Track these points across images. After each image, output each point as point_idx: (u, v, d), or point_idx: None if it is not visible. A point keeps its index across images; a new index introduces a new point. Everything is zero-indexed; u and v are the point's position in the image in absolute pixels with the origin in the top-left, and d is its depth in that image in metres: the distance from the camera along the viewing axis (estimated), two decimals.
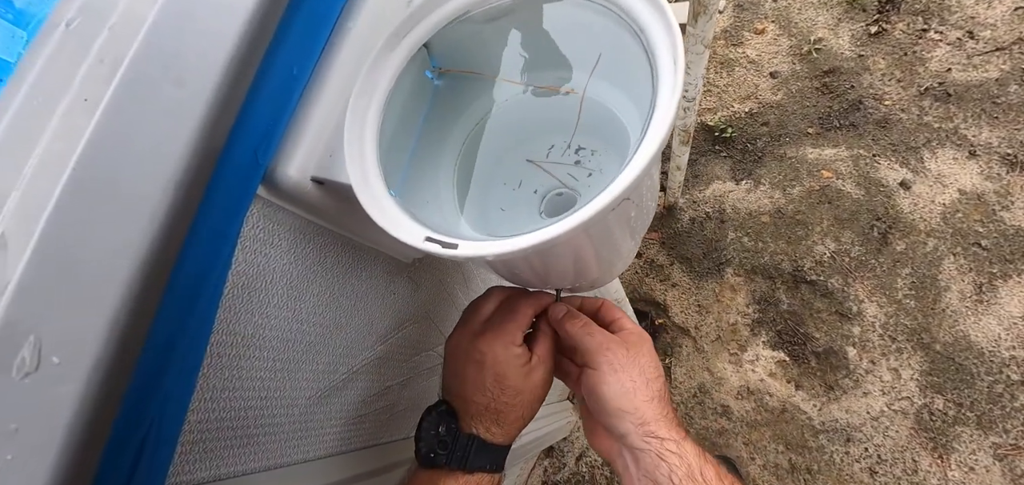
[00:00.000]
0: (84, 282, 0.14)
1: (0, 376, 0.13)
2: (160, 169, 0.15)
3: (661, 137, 0.20)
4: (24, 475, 0.13)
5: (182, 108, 0.16)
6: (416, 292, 0.43)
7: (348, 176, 0.24)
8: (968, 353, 1.15)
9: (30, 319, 0.14)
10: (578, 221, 0.19)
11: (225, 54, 0.17)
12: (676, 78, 0.21)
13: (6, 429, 0.13)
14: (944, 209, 1.28)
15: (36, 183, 0.15)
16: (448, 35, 0.30)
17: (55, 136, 0.16)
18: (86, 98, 0.16)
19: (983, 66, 1.41)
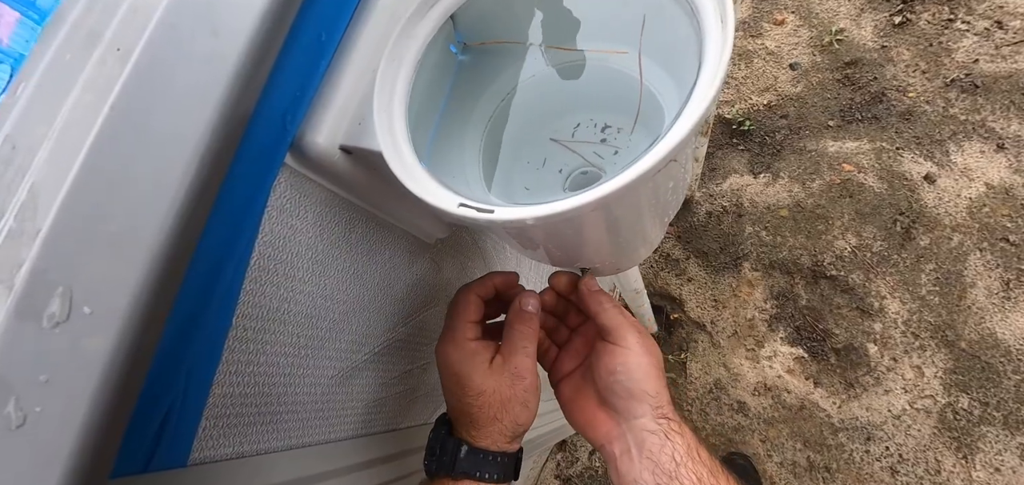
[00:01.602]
0: (116, 232, 0.14)
1: (30, 325, 0.13)
2: (196, 116, 0.14)
3: (711, 97, 0.19)
4: (53, 428, 0.13)
5: (217, 57, 0.15)
6: (438, 274, 0.43)
7: (378, 143, 0.23)
8: (995, 351, 1.12)
9: (61, 268, 0.13)
10: (630, 178, 0.18)
11: (260, 6, 0.16)
12: (726, 35, 0.20)
13: (36, 380, 0.13)
14: (970, 203, 1.25)
15: (69, 132, 0.15)
16: (476, 6, 0.30)
17: (87, 86, 0.16)
18: (119, 47, 0.15)
19: (1012, 57, 1.36)
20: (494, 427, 0.33)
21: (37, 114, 0.17)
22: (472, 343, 0.34)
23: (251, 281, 0.25)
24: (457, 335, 0.34)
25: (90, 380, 0.13)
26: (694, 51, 0.23)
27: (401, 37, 0.25)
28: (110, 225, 0.13)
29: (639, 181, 0.18)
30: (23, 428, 0.13)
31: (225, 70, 0.15)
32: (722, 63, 0.19)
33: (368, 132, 0.24)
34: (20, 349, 0.13)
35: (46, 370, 0.13)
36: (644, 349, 0.33)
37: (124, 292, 0.13)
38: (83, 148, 0.14)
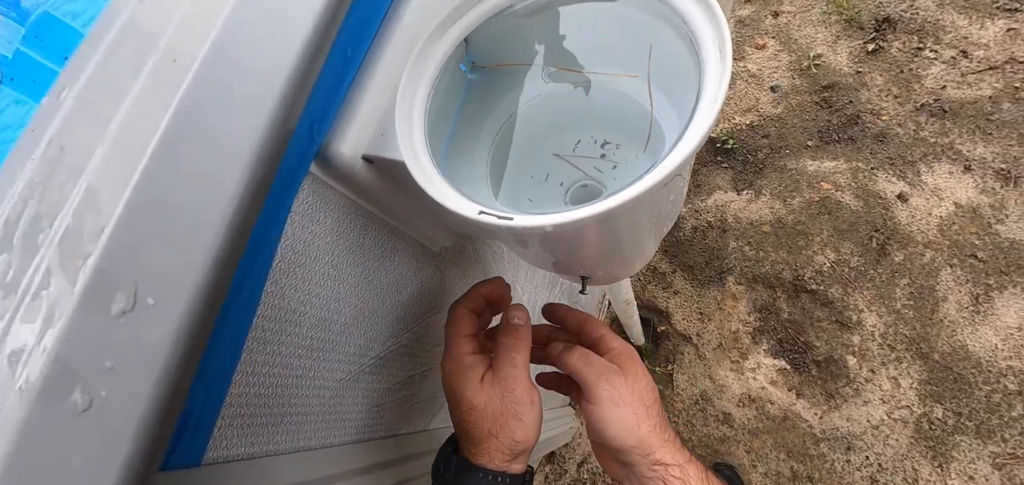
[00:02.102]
0: (178, 231, 0.15)
1: (97, 315, 0.14)
2: (251, 127, 0.16)
3: (712, 120, 0.21)
4: (118, 412, 0.14)
5: (270, 72, 0.16)
6: (442, 282, 0.44)
7: (400, 153, 0.24)
8: (966, 363, 1.17)
9: (127, 262, 0.14)
10: (640, 190, 0.19)
11: (305, 29, 0.17)
12: (724, 65, 0.22)
13: (102, 366, 0.14)
14: (941, 221, 1.31)
15: (126, 137, 0.16)
16: (488, 29, 0.31)
17: (142, 95, 0.17)
18: (174, 59, 0.17)
19: (977, 84, 1.44)
20: (491, 443, 0.32)
21: (85, 119, 0.18)
22: (467, 357, 0.33)
23: (272, 283, 0.26)
24: (453, 350, 0.34)
25: (153, 368, 0.14)
26: (693, 77, 0.25)
27: (421, 56, 0.27)
28: (172, 224, 0.15)
29: (648, 193, 0.20)
30: (89, 412, 0.13)
31: (276, 85, 0.16)
32: (721, 90, 0.21)
33: (390, 143, 0.25)
34: (87, 337, 0.14)
35: (111, 357, 0.14)
36: (617, 400, 0.32)
37: (185, 287, 0.14)
38: (146, 152, 0.15)
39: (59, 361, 0.13)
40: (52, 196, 0.17)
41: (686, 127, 0.22)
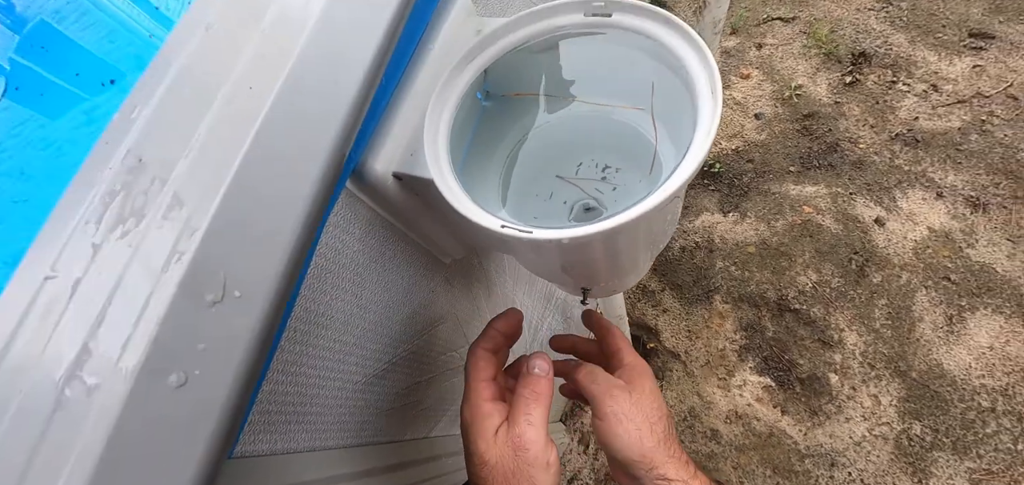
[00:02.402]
0: (261, 232, 0.17)
1: (193, 302, 0.16)
2: (321, 145, 0.18)
3: (706, 149, 0.24)
4: (208, 388, 0.16)
5: (336, 98, 0.19)
6: (449, 292, 0.46)
7: (429, 172, 0.27)
8: (942, 381, 1.22)
9: (218, 259, 0.17)
10: (645, 208, 0.23)
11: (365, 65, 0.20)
12: (716, 103, 0.25)
13: (196, 348, 0.16)
14: (916, 245, 1.37)
15: (209, 152, 0.19)
16: (503, 61, 0.35)
17: (220, 116, 0.19)
18: (251, 86, 0.19)
19: (946, 116, 1.53)
20: None
21: (162, 135, 0.21)
22: (485, 405, 0.32)
23: (306, 286, 0.28)
24: (471, 397, 0.32)
25: (237, 351, 0.16)
26: (688, 111, 0.28)
27: (446, 85, 0.30)
28: (254, 229, 0.17)
29: (652, 211, 0.23)
30: (184, 387, 0.16)
31: (340, 114, 0.19)
32: (714, 124, 0.25)
33: (419, 162, 0.28)
34: (184, 323, 0.16)
35: (203, 341, 0.16)
36: (621, 417, 0.32)
37: (265, 283, 0.17)
38: (232, 168, 0.17)
39: (159, 342, 0.16)
40: (136, 200, 0.19)
41: (684, 156, 0.25)
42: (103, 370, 0.16)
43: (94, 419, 0.16)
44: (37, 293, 0.20)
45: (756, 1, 1.96)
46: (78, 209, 0.21)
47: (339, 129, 0.19)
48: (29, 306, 0.20)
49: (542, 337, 0.94)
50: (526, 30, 0.32)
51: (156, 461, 0.15)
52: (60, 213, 0.22)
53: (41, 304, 0.20)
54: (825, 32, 1.78)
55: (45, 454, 0.17)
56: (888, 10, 1.79)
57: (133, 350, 0.16)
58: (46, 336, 0.19)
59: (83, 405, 0.16)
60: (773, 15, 1.89)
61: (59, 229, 0.21)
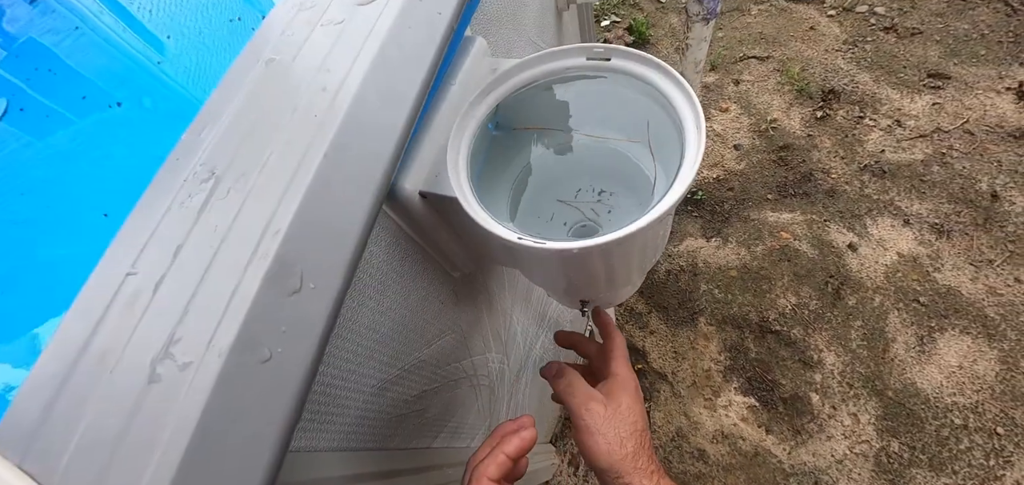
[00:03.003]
0: (333, 234, 0.21)
1: (276, 292, 0.19)
2: (379, 162, 0.22)
3: (692, 176, 0.28)
4: (288, 365, 0.19)
5: (391, 123, 0.23)
6: (456, 305, 0.49)
7: (453, 191, 0.31)
8: (916, 399, 1.27)
9: (296, 255, 0.20)
10: (644, 223, 0.27)
11: (411, 100, 0.24)
12: (700, 138, 0.30)
13: (278, 331, 0.19)
14: (887, 269, 1.45)
15: (282, 165, 0.22)
16: (514, 98, 0.39)
17: (291, 141, 0.23)
18: (315, 114, 0.23)
19: (910, 149, 1.64)
20: None
21: (232, 153, 0.24)
22: None
23: None
24: None
25: (312, 335, 0.19)
26: (676, 143, 0.33)
27: (465, 116, 0.34)
28: (326, 232, 0.20)
29: (648, 227, 0.27)
30: (269, 363, 0.19)
31: (394, 139, 0.23)
32: (699, 155, 0.29)
33: (443, 183, 0.32)
34: (268, 309, 0.19)
35: (285, 324, 0.19)
36: (592, 429, 0.36)
37: (334, 279, 0.20)
38: (305, 182, 0.21)
39: (248, 324, 0.19)
40: (213, 207, 0.23)
41: (673, 181, 0.30)
42: (195, 349, 0.19)
43: (189, 390, 0.19)
44: (119, 287, 0.23)
45: (733, 40, 2.08)
46: (154, 216, 0.24)
47: (392, 154, 0.23)
48: (112, 299, 0.23)
49: (536, 357, 0.97)
50: (535, 70, 0.36)
51: (246, 425, 0.18)
52: (135, 221, 0.25)
53: (124, 297, 0.23)
54: (797, 70, 1.90)
55: (141, 421, 0.19)
56: (854, 51, 1.93)
57: (225, 331, 0.19)
58: (132, 324, 0.22)
59: (177, 378, 0.19)
60: (749, 54, 2.02)
61: (136, 234, 0.24)
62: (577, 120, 0.43)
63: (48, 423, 0.22)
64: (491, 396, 0.76)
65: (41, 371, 0.23)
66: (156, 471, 0.18)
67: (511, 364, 0.78)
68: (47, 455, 0.21)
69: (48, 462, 0.21)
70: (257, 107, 0.25)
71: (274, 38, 0.29)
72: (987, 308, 1.34)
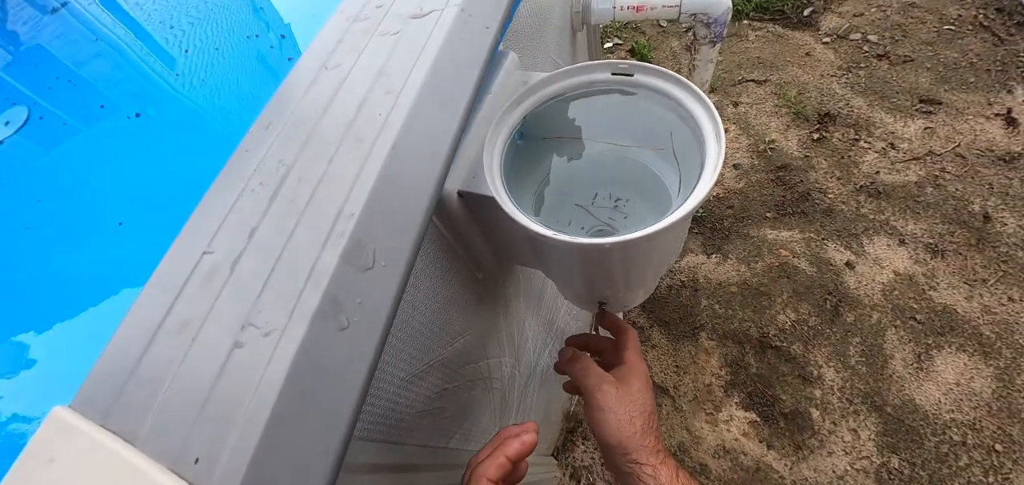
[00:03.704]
0: (400, 217, 0.23)
1: (352, 268, 0.22)
2: (438, 158, 0.25)
3: (712, 184, 0.31)
4: (363, 333, 0.21)
5: (445, 127, 0.26)
6: (477, 306, 0.51)
7: (491, 190, 0.33)
8: (915, 415, 1.29)
9: (369, 236, 0.22)
10: (669, 222, 0.29)
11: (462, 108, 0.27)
12: (720, 148, 0.32)
13: (355, 302, 0.21)
14: (883, 287, 1.48)
15: (350, 160, 0.25)
16: (541, 109, 0.42)
17: (358, 137, 0.26)
18: (380, 113, 0.26)
19: (904, 171, 1.68)
20: None
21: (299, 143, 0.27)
22: None
23: None
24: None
25: (383, 307, 0.22)
26: (695, 153, 0.36)
27: (499, 122, 0.37)
28: (393, 217, 0.23)
29: (673, 226, 0.30)
30: (347, 331, 0.21)
31: (448, 141, 0.25)
32: (719, 163, 0.32)
33: (480, 183, 0.34)
34: (346, 281, 0.21)
35: (360, 296, 0.21)
36: (604, 408, 0.38)
37: (401, 259, 0.22)
38: (375, 172, 0.23)
39: (329, 295, 0.21)
40: (286, 194, 0.25)
41: (694, 187, 0.32)
42: (278, 317, 0.21)
43: (275, 355, 0.21)
44: (196, 264, 0.25)
45: (732, 64, 2.14)
46: (226, 202, 0.27)
47: (448, 152, 0.25)
48: (190, 274, 0.25)
49: (543, 365, 0.99)
50: (563, 83, 0.39)
51: (328, 386, 0.20)
52: (207, 206, 0.27)
53: (202, 272, 0.25)
54: (793, 94, 1.96)
55: (226, 384, 0.21)
56: (848, 77, 1.99)
57: (307, 300, 0.21)
58: (211, 297, 0.24)
59: (261, 344, 0.21)
60: (747, 77, 2.08)
61: (209, 217, 0.27)
62: (598, 131, 0.45)
63: (130, 386, 0.23)
64: (503, 402, 0.77)
65: (121, 338, 0.25)
66: (244, 428, 0.20)
67: (521, 369, 0.80)
68: (130, 416, 0.23)
69: (132, 423, 0.23)
70: (321, 105, 0.28)
71: (331, 45, 0.31)
72: (982, 326, 1.37)
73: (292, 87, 0.30)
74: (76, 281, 0.37)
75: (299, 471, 0.19)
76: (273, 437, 0.19)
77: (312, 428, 0.20)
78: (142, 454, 0.21)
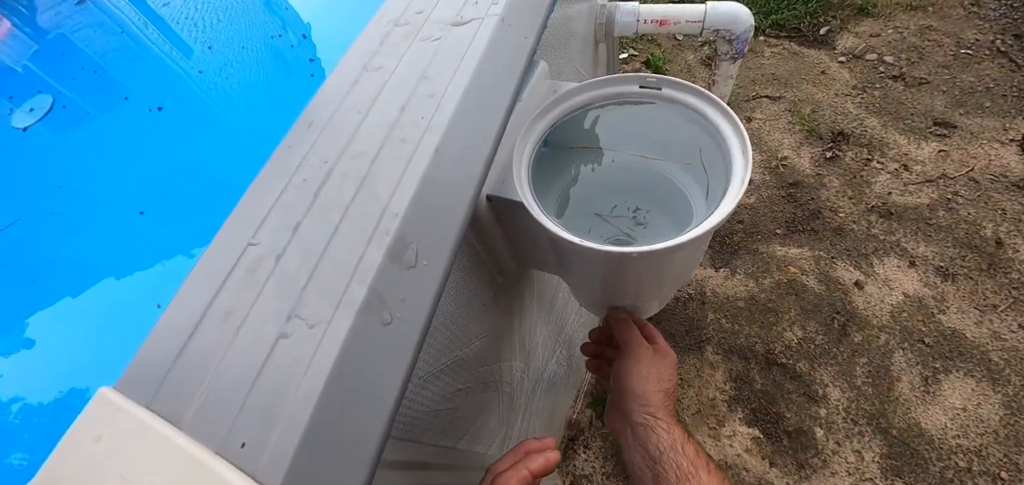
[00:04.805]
0: (443, 216, 0.24)
1: (396, 265, 0.22)
2: (479, 160, 0.25)
3: (738, 199, 0.31)
4: (407, 329, 0.22)
5: (486, 129, 0.26)
6: (495, 309, 0.52)
7: (518, 194, 0.34)
8: (920, 439, 1.28)
9: (412, 235, 0.23)
10: (696, 233, 0.30)
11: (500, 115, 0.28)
12: (746, 163, 0.33)
13: (398, 299, 0.22)
14: (892, 308, 1.47)
15: (394, 158, 0.25)
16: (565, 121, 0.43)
17: (403, 138, 0.26)
18: (422, 117, 0.27)
19: (916, 193, 1.68)
20: None
21: (342, 142, 0.28)
22: None
23: None
24: None
25: (424, 304, 0.22)
26: (721, 166, 0.36)
27: (528, 129, 0.38)
28: (435, 218, 0.24)
29: (699, 238, 0.30)
30: (391, 326, 0.22)
31: (486, 149, 0.26)
32: (746, 176, 0.32)
33: (508, 188, 0.35)
34: (390, 278, 0.22)
35: (403, 293, 0.22)
36: (640, 360, 0.41)
37: (443, 256, 0.23)
38: (420, 169, 0.24)
39: (374, 290, 0.22)
40: (329, 191, 0.26)
41: (721, 199, 0.33)
42: (323, 311, 0.22)
43: (321, 346, 0.21)
44: (240, 256, 0.26)
45: (746, 80, 2.15)
46: (269, 196, 0.28)
47: (486, 159, 0.26)
48: (233, 266, 0.26)
49: (549, 373, 0.99)
50: (592, 93, 0.40)
51: (371, 379, 0.21)
52: (251, 199, 0.28)
53: (246, 264, 0.26)
54: (807, 111, 1.96)
55: (271, 373, 0.22)
56: (863, 97, 1.99)
57: (353, 295, 0.22)
58: (256, 288, 0.25)
59: (306, 335, 0.22)
60: (761, 93, 2.08)
61: (253, 211, 0.27)
62: (621, 142, 0.46)
63: (175, 371, 0.24)
64: (510, 406, 0.78)
65: (165, 325, 0.26)
66: (291, 416, 0.21)
67: (530, 375, 0.81)
68: (176, 399, 0.24)
69: (177, 406, 0.23)
70: (364, 106, 0.29)
71: (373, 48, 0.32)
72: (991, 352, 1.36)
73: (334, 87, 0.31)
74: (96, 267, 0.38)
75: (343, 460, 0.20)
76: (319, 426, 0.20)
77: (356, 419, 0.21)
78: (188, 437, 0.22)
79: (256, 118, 0.43)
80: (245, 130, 0.43)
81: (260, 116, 0.43)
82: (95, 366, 0.32)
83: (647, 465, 0.36)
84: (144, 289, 0.35)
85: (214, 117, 0.46)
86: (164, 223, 0.40)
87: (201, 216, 0.39)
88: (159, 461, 0.21)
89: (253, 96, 0.45)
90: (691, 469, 0.35)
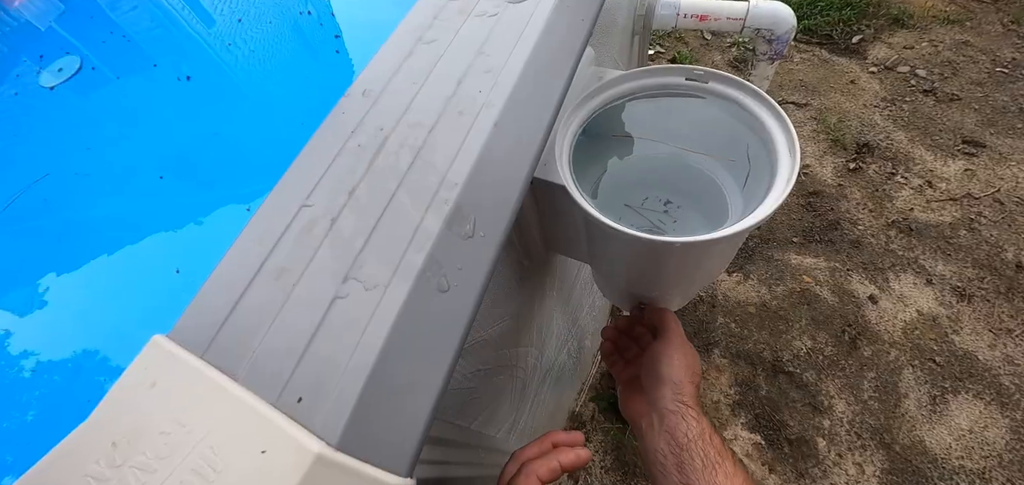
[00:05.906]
0: (496, 194, 0.24)
1: (454, 234, 0.23)
2: (533, 144, 0.25)
3: (782, 199, 0.31)
4: (463, 295, 0.23)
5: (541, 114, 0.26)
6: (519, 293, 0.53)
7: (561, 179, 0.34)
8: (923, 457, 1.28)
9: (470, 206, 0.23)
10: (734, 230, 0.30)
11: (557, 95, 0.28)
12: (795, 162, 0.33)
13: (456, 267, 0.22)
14: (905, 325, 1.46)
15: (450, 134, 0.26)
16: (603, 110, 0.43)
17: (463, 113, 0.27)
18: (480, 90, 0.27)
19: (939, 211, 1.65)
20: None
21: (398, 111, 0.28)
22: None
23: None
24: None
25: (481, 272, 0.23)
26: (764, 163, 0.36)
27: (571, 114, 0.38)
28: (493, 190, 0.24)
29: (738, 234, 0.30)
30: (448, 293, 0.22)
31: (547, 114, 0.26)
32: (793, 175, 0.32)
33: (550, 171, 0.35)
34: (449, 246, 0.22)
35: (460, 262, 0.22)
36: (678, 347, 0.42)
37: (499, 228, 0.23)
38: (479, 141, 0.24)
39: (433, 257, 0.22)
40: (386, 158, 0.26)
41: (765, 196, 0.33)
42: (382, 274, 0.23)
43: (378, 309, 0.22)
44: (294, 217, 0.26)
45: (774, 84, 2.11)
46: (323, 160, 0.28)
47: (543, 134, 0.26)
48: (287, 226, 0.26)
49: (560, 364, 1.00)
50: (636, 83, 0.40)
51: (426, 344, 0.21)
52: (304, 161, 0.28)
53: (300, 225, 0.26)
54: (834, 121, 1.93)
55: (329, 331, 0.23)
56: (891, 109, 1.95)
57: (411, 260, 0.22)
58: (311, 249, 0.25)
59: (364, 298, 0.23)
60: (788, 99, 2.04)
61: (307, 173, 0.28)
62: (661, 134, 0.46)
63: (230, 324, 0.25)
64: (522, 393, 0.78)
65: (218, 279, 0.26)
66: (348, 375, 0.21)
67: (543, 363, 0.81)
68: (231, 352, 0.24)
69: (232, 358, 0.24)
70: (420, 77, 0.29)
71: (427, 22, 0.32)
72: (1002, 376, 1.35)
73: (388, 56, 0.31)
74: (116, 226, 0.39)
75: (397, 420, 0.20)
76: (375, 386, 0.21)
77: (411, 383, 0.21)
78: (245, 388, 0.22)
79: (281, 92, 0.44)
80: (270, 104, 0.44)
81: (285, 90, 0.44)
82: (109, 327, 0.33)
83: (672, 452, 0.36)
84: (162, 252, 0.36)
85: (240, 89, 0.46)
86: (183, 190, 0.40)
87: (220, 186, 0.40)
88: (216, 410, 0.22)
89: (278, 71, 0.46)
90: (718, 459, 0.36)
